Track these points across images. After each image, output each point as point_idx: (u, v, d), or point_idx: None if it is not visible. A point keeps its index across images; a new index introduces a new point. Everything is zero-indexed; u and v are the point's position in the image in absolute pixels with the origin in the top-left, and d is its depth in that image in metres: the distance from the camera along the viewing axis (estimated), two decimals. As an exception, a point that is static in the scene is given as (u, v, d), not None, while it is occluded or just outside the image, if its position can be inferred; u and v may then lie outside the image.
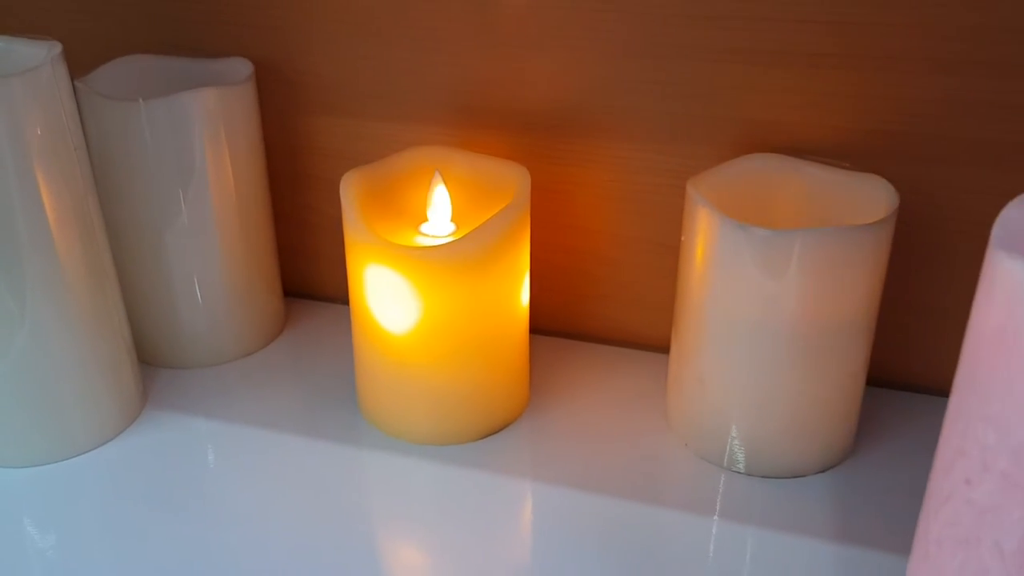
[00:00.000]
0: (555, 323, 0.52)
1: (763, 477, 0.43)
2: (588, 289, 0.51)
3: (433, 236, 0.44)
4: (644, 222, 0.48)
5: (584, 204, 0.49)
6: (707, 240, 0.39)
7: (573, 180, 0.48)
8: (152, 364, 0.51)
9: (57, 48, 0.40)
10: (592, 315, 0.51)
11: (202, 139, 0.46)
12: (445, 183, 0.44)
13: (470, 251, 0.40)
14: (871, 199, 0.41)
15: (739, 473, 0.43)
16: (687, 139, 0.45)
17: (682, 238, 0.41)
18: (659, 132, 0.46)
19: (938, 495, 0.26)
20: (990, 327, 0.23)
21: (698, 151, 0.45)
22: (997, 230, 0.23)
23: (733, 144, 0.45)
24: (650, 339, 0.51)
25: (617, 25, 0.44)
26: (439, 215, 0.44)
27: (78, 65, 0.47)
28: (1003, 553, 0.23)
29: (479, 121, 0.48)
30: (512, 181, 0.43)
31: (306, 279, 0.57)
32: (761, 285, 0.39)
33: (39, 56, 0.40)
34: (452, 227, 0.44)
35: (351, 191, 0.42)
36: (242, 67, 0.49)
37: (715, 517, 0.41)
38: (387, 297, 0.41)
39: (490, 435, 0.45)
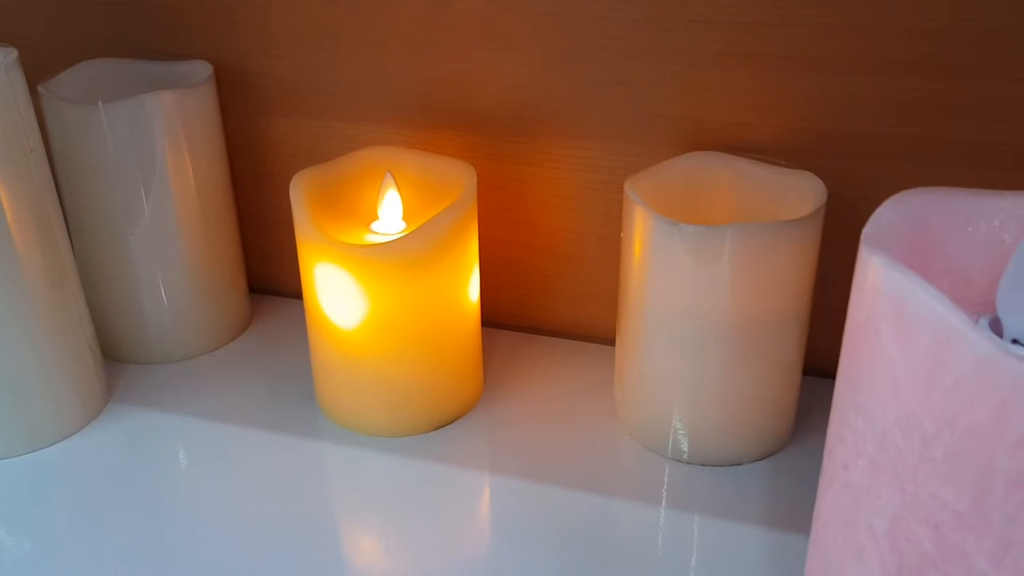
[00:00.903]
0: (509, 317, 0.54)
1: (704, 466, 0.44)
2: (540, 284, 0.52)
3: (384, 234, 0.45)
4: (590, 218, 0.49)
5: (533, 201, 0.50)
6: (643, 237, 0.41)
7: (522, 177, 0.49)
8: (118, 360, 0.52)
9: (13, 54, 0.41)
10: (545, 309, 0.53)
11: (162, 140, 0.47)
12: (396, 182, 0.45)
13: (414, 248, 0.42)
14: (803, 195, 0.42)
15: (682, 462, 0.44)
16: (630, 138, 0.47)
17: (621, 235, 0.43)
18: (603, 131, 0.47)
19: (824, 479, 0.27)
20: (858, 320, 0.24)
21: (640, 149, 0.46)
22: (868, 228, 0.24)
23: (673, 142, 0.46)
24: (600, 332, 0.52)
25: (562, 29, 0.45)
26: (390, 214, 0.45)
27: (42, 70, 0.49)
28: (875, 534, 0.25)
29: (433, 121, 0.50)
30: (460, 179, 0.45)
31: (271, 276, 0.58)
32: (695, 280, 0.40)
33: (-5, 62, 0.41)
34: (403, 225, 0.46)
35: (301, 191, 0.44)
36: (202, 69, 0.50)
37: (660, 505, 0.42)
38: (336, 294, 0.43)
39: (443, 427, 0.47)
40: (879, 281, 0.23)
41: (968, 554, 0.23)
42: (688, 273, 0.40)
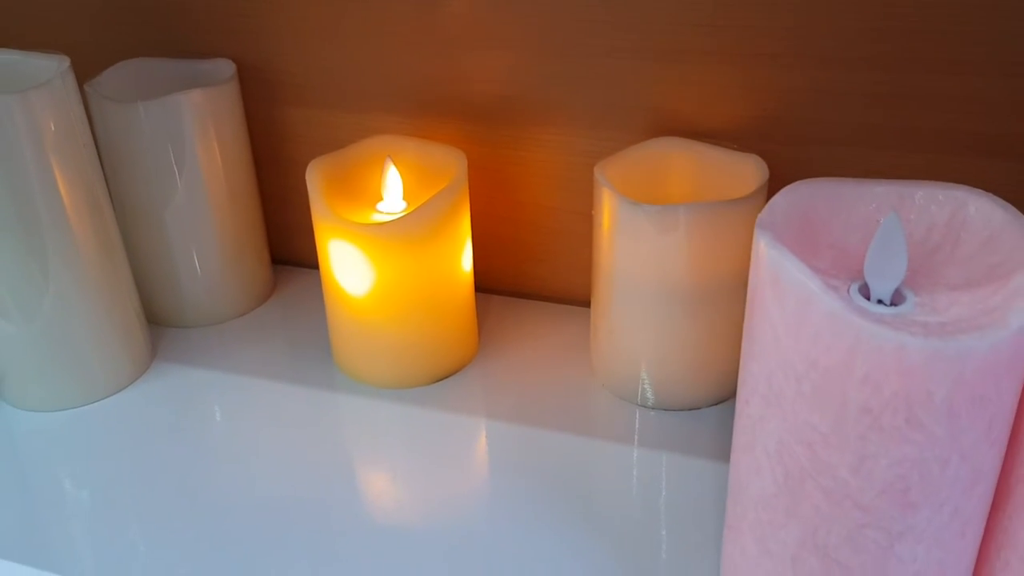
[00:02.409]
0: (501, 284, 0.60)
1: (666, 410, 0.51)
2: (526, 254, 0.59)
3: (387, 213, 0.52)
4: (569, 196, 0.55)
5: (519, 182, 0.56)
6: (610, 215, 0.47)
7: (510, 161, 0.56)
8: (160, 324, 0.59)
9: (66, 63, 0.48)
10: (531, 276, 0.60)
11: (193, 132, 0.54)
12: (396, 167, 0.52)
13: (414, 226, 0.48)
14: (749, 175, 0.48)
15: (648, 408, 0.51)
16: (603, 125, 0.53)
17: (592, 213, 0.49)
18: (580, 119, 0.53)
19: (736, 414, 0.34)
20: (752, 287, 0.31)
21: (612, 135, 0.53)
22: (762, 214, 0.31)
23: (640, 128, 0.52)
24: (579, 296, 0.59)
25: (544, 30, 0.51)
26: (392, 195, 0.52)
27: (83, 68, 0.55)
28: (768, 454, 0.31)
29: (429, 111, 0.56)
30: (452, 164, 0.51)
31: (291, 249, 0.65)
32: (655, 251, 0.46)
33: (51, 69, 0.48)
34: (404, 204, 0.52)
35: (315, 177, 0.50)
36: (226, 67, 0.57)
37: (632, 444, 0.49)
38: (348, 266, 0.50)
39: (443, 379, 0.54)
40: (762, 256, 0.29)
41: (833, 466, 0.30)
42: (649, 245, 0.46)
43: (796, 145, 0.50)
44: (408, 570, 0.42)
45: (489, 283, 0.60)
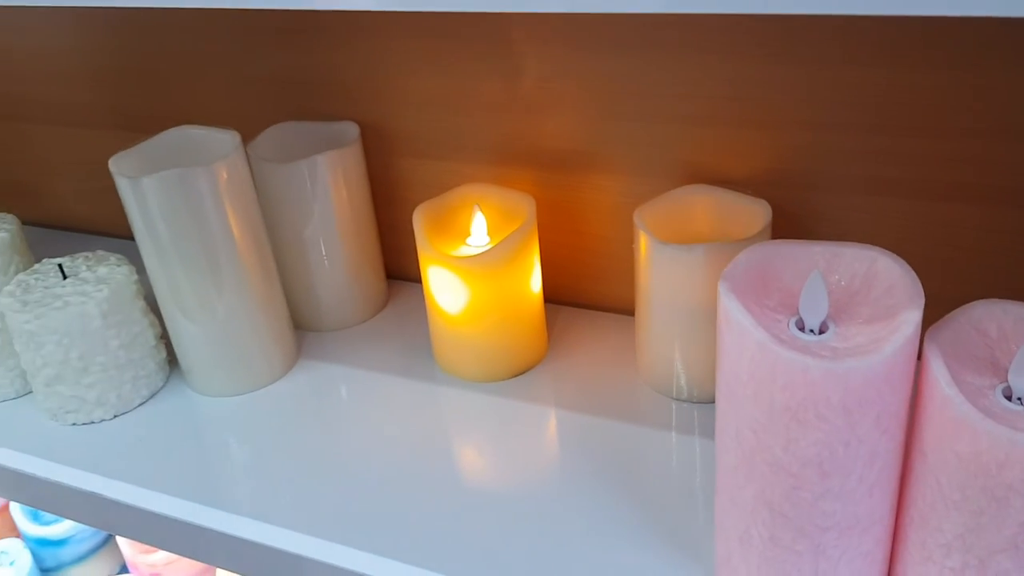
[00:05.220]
0: (566, 297, 0.74)
1: (696, 403, 0.64)
2: (586, 274, 0.73)
3: (475, 247, 0.67)
4: (619, 229, 0.69)
5: (580, 217, 0.70)
6: (645, 251, 0.60)
7: (573, 200, 0.70)
8: (302, 329, 0.76)
9: (237, 137, 0.64)
10: (590, 292, 0.73)
11: (327, 182, 0.70)
12: (481, 210, 0.66)
13: (494, 258, 0.63)
14: (758, 216, 0.60)
15: (682, 400, 0.64)
16: (646, 174, 0.66)
17: (633, 247, 0.63)
18: (628, 169, 0.66)
19: (716, 409, 0.47)
20: (719, 321, 0.44)
21: (652, 181, 0.66)
22: (726, 269, 0.44)
23: (675, 176, 0.65)
24: (629, 308, 0.71)
25: (601, 98, 0.65)
26: (478, 233, 0.67)
27: (238, 127, 0.71)
28: (735, 437, 0.44)
29: (511, 161, 0.70)
30: (524, 207, 0.65)
31: (402, 267, 0.81)
32: (680, 279, 0.59)
33: (227, 143, 0.65)
34: (487, 239, 0.67)
35: (420, 218, 0.65)
36: (351, 129, 0.72)
37: (670, 430, 0.62)
38: (444, 287, 0.64)
39: (519, 375, 0.68)
40: (720, 300, 0.42)
41: (771, 446, 0.42)
42: (675, 275, 0.59)
43: (798, 191, 0.62)
44: (489, 527, 0.56)
45: (557, 297, 0.74)
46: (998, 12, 0.29)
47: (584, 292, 0.74)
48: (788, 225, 0.62)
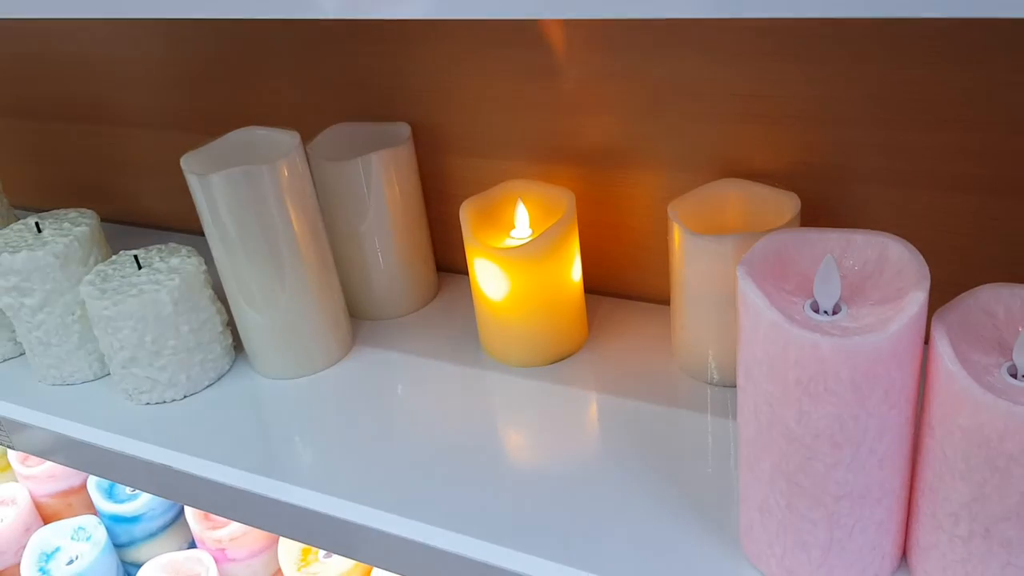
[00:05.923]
0: (605, 287, 0.78)
1: (727, 386, 0.67)
2: (624, 264, 0.76)
3: (518, 239, 0.71)
4: (656, 221, 0.72)
5: (620, 210, 0.74)
6: (679, 242, 0.64)
7: (613, 195, 0.73)
8: (356, 317, 0.81)
9: (297, 137, 0.69)
10: (628, 281, 0.77)
11: (381, 179, 0.74)
12: (524, 204, 0.70)
13: (536, 250, 0.66)
14: (786, 207, 0.63)
15: (714, 384, 0.67)
16: (681, 168, 0.69)
17: (668, 238, 0.66)
18: (664, 165, 0.70)
19: (737, 387, 0.50)
20: (738, 304, 0.47)
21: (687, 176, 0.69)
22: (744, 256, 0.47)
23: (708, 171, 0.68)
24: (665, 297, 0.74)
25: (639, 97, 0.68)
26: (521, 225, 0.70)
27: (298, 127, 0.76)
28: (753, 410, 0.47)
29: (553, 157, 0.74)
30: (564, 201, 0.69)
31: (451, 259, 0.85)
32: (711, 268, 0.62)
33: (288, 142, 0.69)
34: (530, 231, 0.71)
35: (467, 213, 0.69)
36: (403, 129, 0.77)
37: (705, 412, 0.65)
38: (489, 277, 0.68)
39: (561, 360, 0.72)
40: (739, 284, 0.46)
41: (785, 419, 0.45)
42: (706, 264, 0.62)
43: (826, 184, 0.64)
44: (533, 500, 0.60)
45: (596, 286, 0.78)
46: None
47: (622, 283, 0.77)
48: (817, 216, 0.65)
